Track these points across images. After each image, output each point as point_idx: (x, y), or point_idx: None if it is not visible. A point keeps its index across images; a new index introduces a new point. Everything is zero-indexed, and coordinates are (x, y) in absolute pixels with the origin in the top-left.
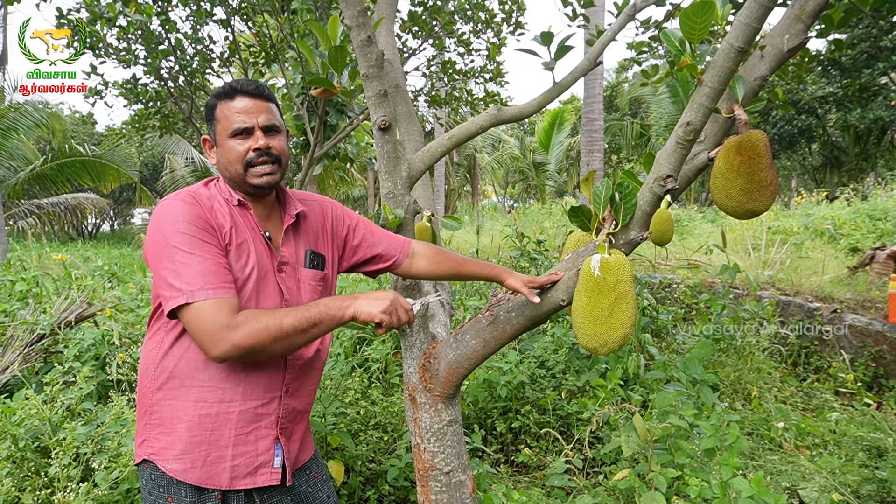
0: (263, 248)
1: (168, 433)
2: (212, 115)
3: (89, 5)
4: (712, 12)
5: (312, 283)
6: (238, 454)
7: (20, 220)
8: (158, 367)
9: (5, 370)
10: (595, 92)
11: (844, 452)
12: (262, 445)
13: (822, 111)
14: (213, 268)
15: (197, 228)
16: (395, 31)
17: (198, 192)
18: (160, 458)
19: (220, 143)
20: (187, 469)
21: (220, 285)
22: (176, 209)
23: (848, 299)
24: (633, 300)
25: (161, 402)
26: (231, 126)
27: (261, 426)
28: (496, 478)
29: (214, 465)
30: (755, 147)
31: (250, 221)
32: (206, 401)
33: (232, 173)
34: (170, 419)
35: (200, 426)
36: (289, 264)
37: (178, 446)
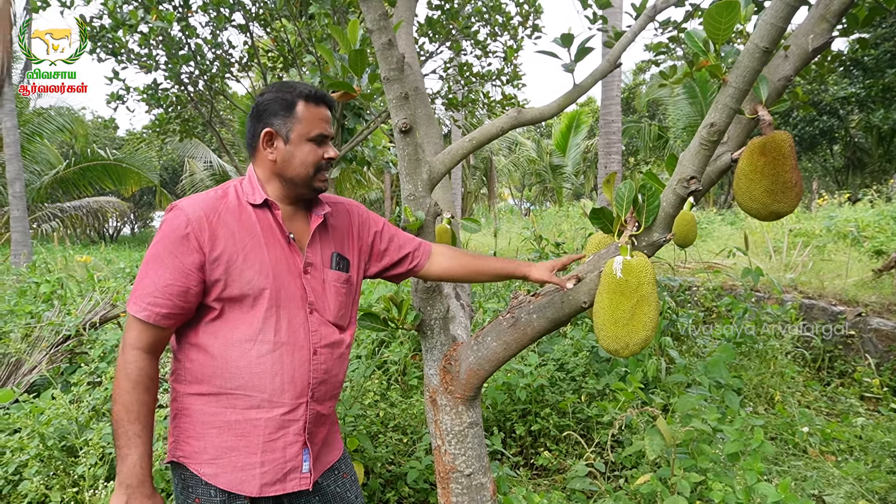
0: (284, 249)
1: (199, 438)
2: (291, 112)
3: (112, 12)
4: (737, 12)
5: (337, 286)
6: (267, 461)
7: (44, 223)
8: (187, 371)
9: (33, 370)
10: (613, 94)
11: (871, 458)
12: (290, 452)
13: (843, 112)
14: (159, 286)
15: (169, 243)
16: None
17: (201, 202)
18: (192, 461)
19: (295, 142)
20: (218, 473)
21: (148, 306)
22: (165, 221)
23: (873, 303)
24: (655, 303)
25: (192, 406)
26: (313, 131)
27: (288, 432)
28: (516, 481)
29: (244, 471)
30: (780, 148)
31: (272, 223)
32: (235, 407)
33: (300, 174)
34: (201, 424)
35: (230, 432)
36: (314, 265)
37: (209, 451)
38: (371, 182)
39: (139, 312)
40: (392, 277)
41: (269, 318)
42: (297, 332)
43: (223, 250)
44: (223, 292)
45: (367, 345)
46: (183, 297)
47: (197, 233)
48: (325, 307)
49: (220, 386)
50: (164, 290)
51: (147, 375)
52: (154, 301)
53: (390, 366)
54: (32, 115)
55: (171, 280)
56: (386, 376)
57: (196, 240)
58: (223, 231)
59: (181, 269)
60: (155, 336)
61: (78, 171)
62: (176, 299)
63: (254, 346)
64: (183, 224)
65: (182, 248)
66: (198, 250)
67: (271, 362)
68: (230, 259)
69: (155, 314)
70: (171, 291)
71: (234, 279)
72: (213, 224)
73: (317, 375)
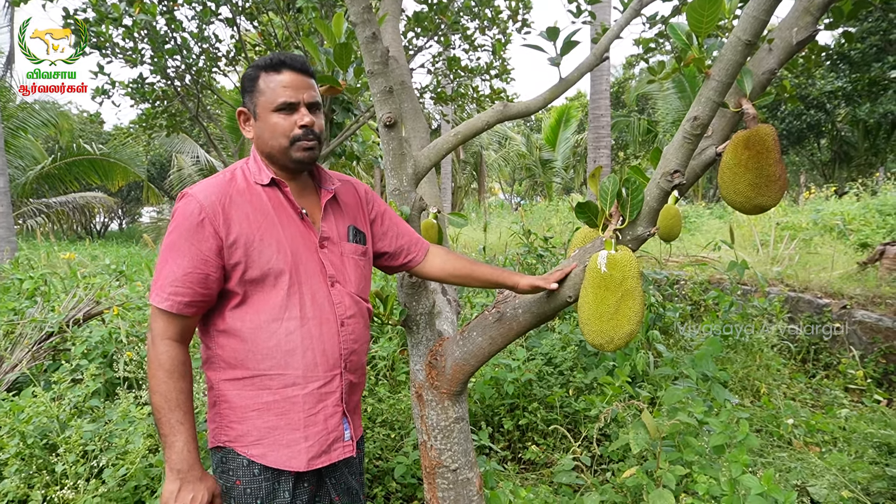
0: (298, 226)
1: (241, 421)
2: (253, 86)
3: (95, 5)
4: (719, 5)
5: (355, 258)
6: (311, 434)
7: (29, 218)
8: (218, 358)
9: (14, 368)
10: (602, 88)
11: (854, 449)
12: (331, 423)
13: (830, 106)
14: (178, 275)
15: (184, 231)
16: (400, 28)
17: (212, 187)
18: (238, 444)
19: (262, 117)
20: (266, 453)
21: (170, 296)
22: (178, 210)
23: (857, 295)
24: (639, 297)
25: (229, 391)
26: (276, 100)
27: (327, 404)
28: (503, 475)
29: (290, 447)
30: (763, 141)
31: (283, 200)
32: (271, 388)
33: (274, 147)
34: (241, 408)
35: (270, 412)
36: (330, 239)
37: (253, 433)
38: (360, 177)
39: (162, 303)
40: (386, 268)
41: (292, 296)
42: (322, 305)
43: (239, 233)
44: (245, 275)
45: None
46: (203, 284)
47: (211, 218)
48: (346, 279)
49: (253, 369)
50: (183, 278)
51: (181, 362)
52: (175, 290)
53: (378, 361)
54: (16, 110)
55: (190, 268)
56: (374, 372)
57: (211, 225)
58: (237, 214)
59: (199, 256)
60: (181, 325)
61: (64, 167)
62: (197, 287)
63: (281, 325)
64: (196, 211)
65: (198, 234)
66: (214, 236)
67: (300, 338)
68: (248, 241)
69: (178, 303)
70: (192, 279)
71: (253, 260)
72: (227, 208)
73: (347, 346)
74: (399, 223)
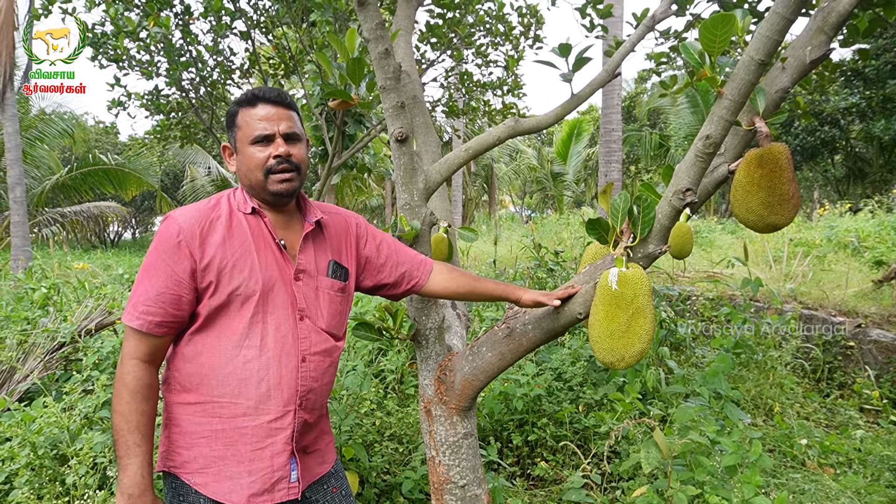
0: (275, 257)
1: (189, 447)
2: (233, 122)
3: (114, 19)
4: (732, 25)
5: (331, 293)
6: (255, 469)
7: (44, 227)
8: (175, 380)
9: (27, 377)
10: (613, 102)
11: (870, 472)
12: (278, 461)
13: (844, 122)
14: (151, 294)
15: (161, 252)
16: (413, 42)
17: (193, 212)
18: (183, 470)
19: (241, 150)
20: (208, 483)
21: (141, 315)
22: (159, 231)
23: (873, 314)
24: (650, 315)
25: (181, 415)
26: (252, 133)
27: (276, 441)
28: (512, 491)
29: (232, 480)
30: (777, 160)
31: (264, 230)
32: (221, 416)
33: (252, 180)
34: (190, 434)
35: (218, 441)
36: (306, 272)
37: (199, 461)
38: (371, 189)
39: (133, 321)
40: (391, 297)
41: (255, 324)
42: (286, 338)
43: (213, 257)
44: (212, 298)
45: (365, 354)
46: (175, 305)
47: (188, 240)
48: (317, 314)
49: (206, 394)
50: (156, 298)
51: (145, 384)
52: (146, 310)
53: (387, 374)
54: (35, 120)
55: (163, 288)
56: (383, 385)
57: (187, 247)
58: (213, 238)
59: (173, 277)
60: (151, 345)
61: (79, 176)
62: (168, 307)
63: (240, 352)
64: (175, 233)
65: (174, 256)
66: (189, 258)
67: (257, 368)
68: (221, 265)
69: (148, 322)
70: (164, 300)
71: (222, 284)
72: (204, 232)
73: (305, 383)
74: (399, 251)
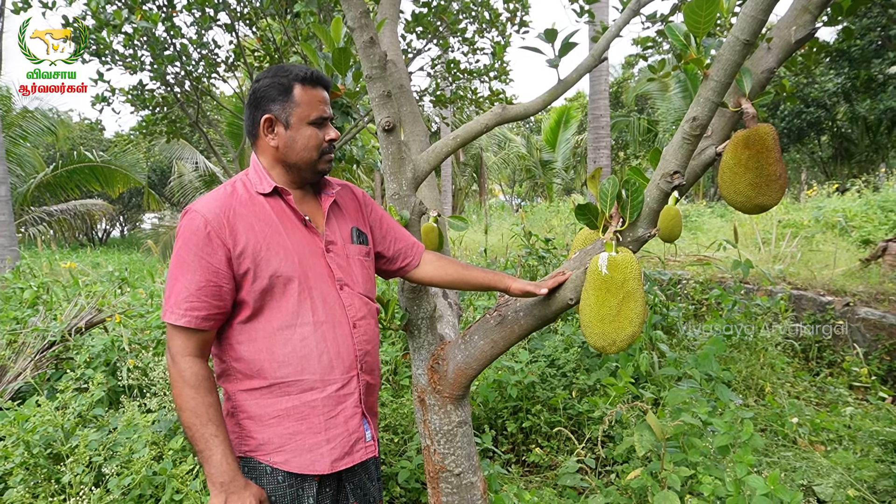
0: (303, 232)
1: (262, 430)
2: (289, 96)
3: (95, 12)
4: (717, 5)
5: (361, 258)
6: (332, 437)
7: (31, 227)
8: (234, 370)
9: (18, 377)
10: (601, 88)
11: (860, 448)
12: (352, 424)
13: (830, 103)
14: (192, 290)
15: (192, 246)
16: (399, 31)
17: (214, 201)
18: (260, 453)
19: (295, 127)
20: (289, 460)
21: (186, 311)
22: (182, 227)
23: (860, 292)
24: (641, 298)
25: (247, 401)
26: (313, 113)
27: (346, 406)
28: (507, 478)
29: (312, 451)
30: (763, 141)
31: (285, 208)
32: (290, 394)
33: (304, 158)
34: (260, 417)
35: (290, 418)
36: (335, 243)
37: (275, 441)
38: (361, 181)
39: (179, 320)
40: (383, 273)
41: (303, 301)
42: (334, 308)
43: (246, 242)
44: (254, 284)
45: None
46: (218, 296)
47: (217, 230)
48: (354, 281)
49: (271, 377)
50: (197, 292)
51: (204, 378)
52: (191, 305)
53: (382, 365)
54: (17, 118)
55: (203, 282)
56: None
57: (218, 237)
58: (241, 224)
59: (211, 269)
60: (199, 340)
61: (65, 174)
62: (212, 300)
63: (295, 331)
64: (202, 225)
65: (207, 248)
66: (222, 247)
67: (315, 342)
68: (255, 249)
69: (195, 318)
70: (206, 293)
71: (261, 269)
72: (231, 219)
73: (361, 347)
74: (395, 227)
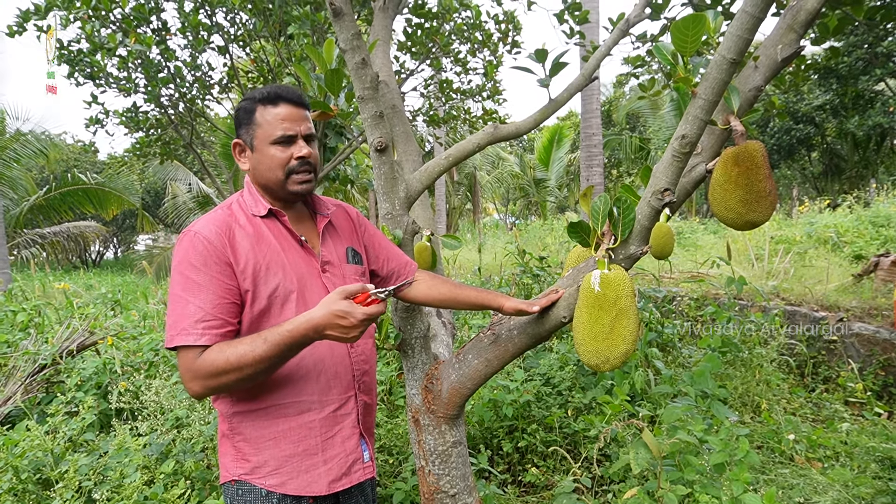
0: (300, 253)
1: (257, 453)
2: (250, 118)
3: (90, 36)
4: (703, 25)
5: (356, 278)
6: (329, 458)
7: (24, 249)
8: (231, 392)
9: (7, 401)
10: (593, 107)
11: (857, 464)
12: (349, 445)
13: (819, 119)
14: (208, 309)
15: (199, 266)
16: (392, 52)
17: (213, 222)
18: (255, 476)
19: (259, 149)
20: (285, 482)
21: (204, 331)
22: (182, 248)
23: (854, 307)
24: (634, 315)
25: (243, 423)
26: (275, 133)
27: (344, 426)
28: (503, 499)
29: (309, 472)
30: (752, 157)
31: (282, 230)
32: (287, 416)
33: (270, 179)
34: (255, 439)
35: (286, 440)
36: (331, 263)
37: (271, 463)
38: (355, 201)
39: (199, 339)
40: None
41: None
42: None
43: (247, 261)
44: (252, 306)
45: None
46: (233, 314)
47: (219, 249)
48: None
49: (267, 400)
50: (213, 311)
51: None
52: (208, 324)
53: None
54: (10, 141)
55: (217, 300)
56: None
57: (223, 256)
58: (241, 244)
59: (223, 285)
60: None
61: (58, 196)
62: (227, 316)
63: None
64: (204, 245)
65: (215, 267)
66: (227, 265)
67: (313, 363)
68: (255, 268)
69: (213, 336)
70: (222, 310)
71: (260, 290)
72: (231, 238)
73: (358, 366)
74: (389, 246)
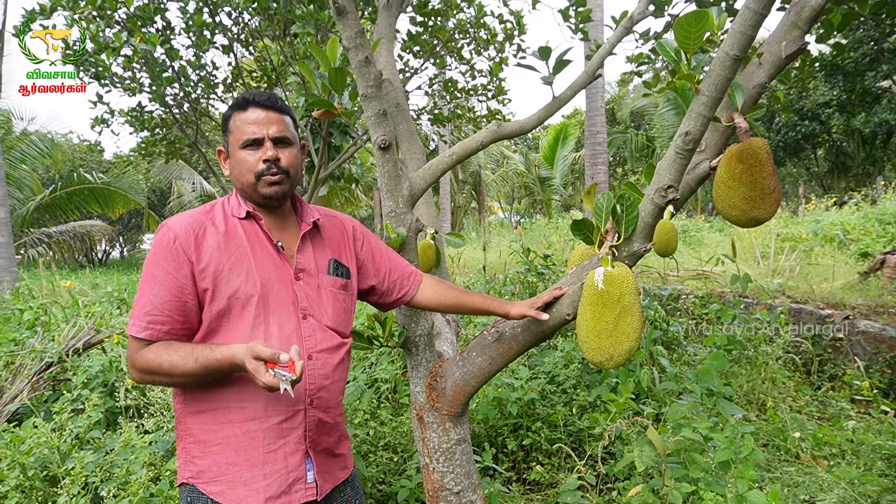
0: (273, 257)
1: (203, 456)
2: (226, 126)
3: (95, 36)
4: (706, 21)
5: (334, 290)
6: (269, 472)
7: (30, 248)
8: (186, 391)
9: (15, 398)
10: (597, 105)
11: (863, 462)
12: (292, 461)
13: (825, 116)
14: (157, 303)
15: (161, 260)
16: (396, 50)
17: (188, 218)
18: (199, 480)
19: (233, 154)
20: (223, 491)
21: (149, 324)
22: (155, 241)
23: (860, 305)
24: (638, 313)
25: (193, 425)
26: (242, 137)
27: (289, 441)
28: (508, 496)
29: (247, 485)
30: (756, 155)
31: (259, 233)
32: (231, 421)
33: (244, 183)
34: (202, 443)
35: (230, 447)
36: (306, 271)
37: (213, 469)
38: (360, 199)
39: (141, 332)
40: (380, 305)
41: (257, 326)
42: (290, 337)
43: (209, 261)
44: (212, 305)
45: (358, 363)
46: (182, 312)
47: (184, 245)
48: (321, 312)
49: (215, 401)
50: (161, 306)
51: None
52: (154, 319)
53: (381, 384)
54: (16, 141)
55: (168, 296)
56: (377, 395)
57: (184, 252)
58: (209, 243)
59: (176, 283)
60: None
61: (64, 196)
62: (175, 314)
63: None
64: (171, 239)
65: (173, 262)
66: (187, 262)
67: None
68: (217, 269)
69: (157, 331)
70: (170, 307)
71: (220, 289)
72: (199, 237)
73: (314, 381)
74: (392, 258)
